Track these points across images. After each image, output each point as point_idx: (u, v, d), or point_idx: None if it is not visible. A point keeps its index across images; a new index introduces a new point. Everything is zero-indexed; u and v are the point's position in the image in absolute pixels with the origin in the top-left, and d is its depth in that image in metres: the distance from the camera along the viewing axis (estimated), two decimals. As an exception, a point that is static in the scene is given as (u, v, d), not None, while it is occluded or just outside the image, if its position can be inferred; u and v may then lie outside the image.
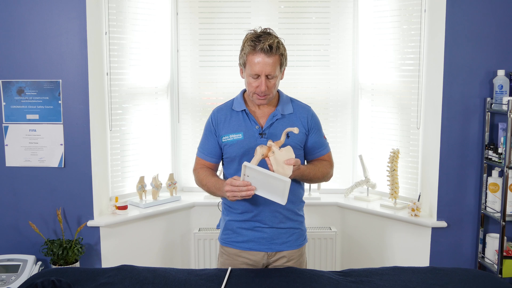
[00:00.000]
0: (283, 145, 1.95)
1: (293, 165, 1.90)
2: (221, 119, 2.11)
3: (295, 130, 1.92)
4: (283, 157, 1.90)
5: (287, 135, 2.01)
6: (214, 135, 2.11)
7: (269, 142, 1.91)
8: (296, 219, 2.14)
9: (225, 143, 2.08)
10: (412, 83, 3.13)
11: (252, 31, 2.00)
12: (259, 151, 1.89)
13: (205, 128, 2.16)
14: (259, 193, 1.90)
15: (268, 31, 2.00)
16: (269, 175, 1.84)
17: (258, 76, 1.96)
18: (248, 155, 2.03)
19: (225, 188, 1.92)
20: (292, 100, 2.16)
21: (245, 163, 1.84)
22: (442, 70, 2.87)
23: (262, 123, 2.08)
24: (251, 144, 2.03)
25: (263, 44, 1.92)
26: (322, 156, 2.17)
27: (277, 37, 1.98)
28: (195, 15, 3.39)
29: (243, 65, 2.02)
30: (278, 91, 2.14)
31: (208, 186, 2.09)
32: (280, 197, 1.88)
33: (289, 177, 1.86)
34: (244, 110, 2.08)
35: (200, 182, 2.15)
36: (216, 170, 2.21)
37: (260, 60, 1.94)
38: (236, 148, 2.06)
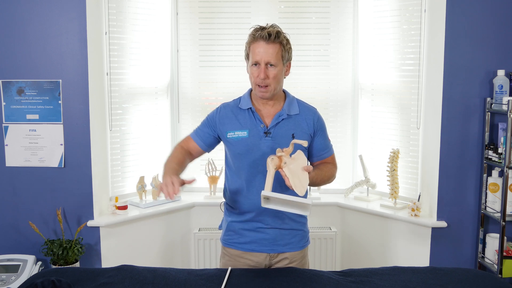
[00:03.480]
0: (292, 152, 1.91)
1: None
2: (225, 115, 2.10)
3: (304, 143, 1.90)
4: (296, 165, 1.85)
5: (293, 136, 2.01)
6: (211, 127, 2.11)
7: (278, 151, 1.87)
8: (299, 220, 2.13)
9: (229, 140, 2.07)
10: (412, 83, 3.13)
11: (258, 26, 2.03)
12: (271, 165, 1.82)
13: (208, 116, 2.16)
14: (283, 209, 1.84)
15: (273, 25, 2.03)
16: (290, 200, 1.76)
17: (258, 64, 1.98)
18: (252, 153, 2.02)
19: (163, 179, 1.89)
20: (298, 101, 2.15)
21: (263, 192, 1.76)
22: (442, 70, 2.87)
23: (268, 122, 2.07)
24: (256, 142, 2.03)
25: (263, 32, 1.96)
26: (326, 159, 2.16)
27: (280, 29, 2.01)
28: (195, 15, 3.39)
29: (247, 57, 2.04)
30: (285, 92, 2.15)
31: (165, 166, 2.05)
32: (303, 211, 1.82)
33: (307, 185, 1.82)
34: (250, 108, 2.08)
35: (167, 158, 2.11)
36: (197, 156, 2.17)
37: (260, 49, 1.96)
38: (241, 145, 2.05)
